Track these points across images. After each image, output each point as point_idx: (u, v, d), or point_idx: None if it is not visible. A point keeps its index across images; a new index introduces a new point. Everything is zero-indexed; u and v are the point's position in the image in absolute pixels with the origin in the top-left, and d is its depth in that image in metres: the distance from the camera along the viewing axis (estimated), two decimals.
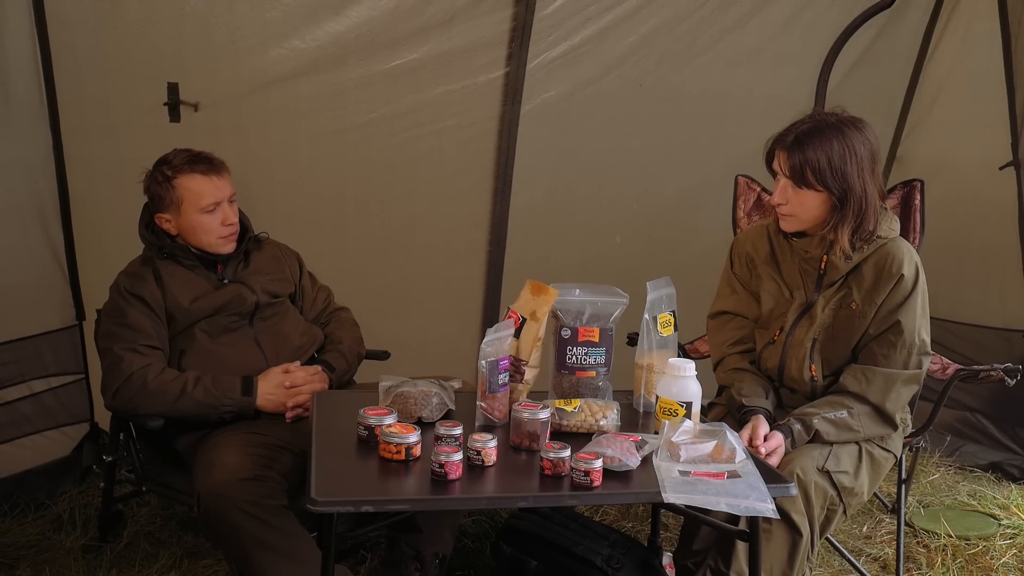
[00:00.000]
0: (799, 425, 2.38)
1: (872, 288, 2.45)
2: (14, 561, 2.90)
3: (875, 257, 2.45)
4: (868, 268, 2.46)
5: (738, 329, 2.69)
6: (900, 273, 2.41)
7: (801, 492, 2.30)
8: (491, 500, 2.25)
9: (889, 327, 2.43)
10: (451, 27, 3.40)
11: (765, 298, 2.63)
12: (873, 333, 2.46)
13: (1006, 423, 4.00)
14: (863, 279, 2.46)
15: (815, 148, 2.35)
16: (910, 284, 2.43)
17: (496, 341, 2.18)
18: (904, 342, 2.43)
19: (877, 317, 2.44)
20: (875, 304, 2.44)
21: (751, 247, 2.67)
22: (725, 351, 2.69)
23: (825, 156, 2.35)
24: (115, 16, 3.08)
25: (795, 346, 2.53)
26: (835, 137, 2.37)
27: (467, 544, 3.08)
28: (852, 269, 2.47)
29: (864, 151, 2.39)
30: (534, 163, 3.73)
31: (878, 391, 2.43)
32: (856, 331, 2.47)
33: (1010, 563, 3.15)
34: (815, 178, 2.36)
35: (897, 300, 2.43)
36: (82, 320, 3.40)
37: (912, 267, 2.44)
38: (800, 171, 2.37)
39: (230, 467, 2.36)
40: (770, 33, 3.80)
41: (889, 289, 2.42)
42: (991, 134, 3.85)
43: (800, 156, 2.36)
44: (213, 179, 2.68)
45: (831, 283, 2.50)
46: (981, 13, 3.91)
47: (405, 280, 3.77)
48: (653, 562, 2.68)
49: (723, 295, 2.75)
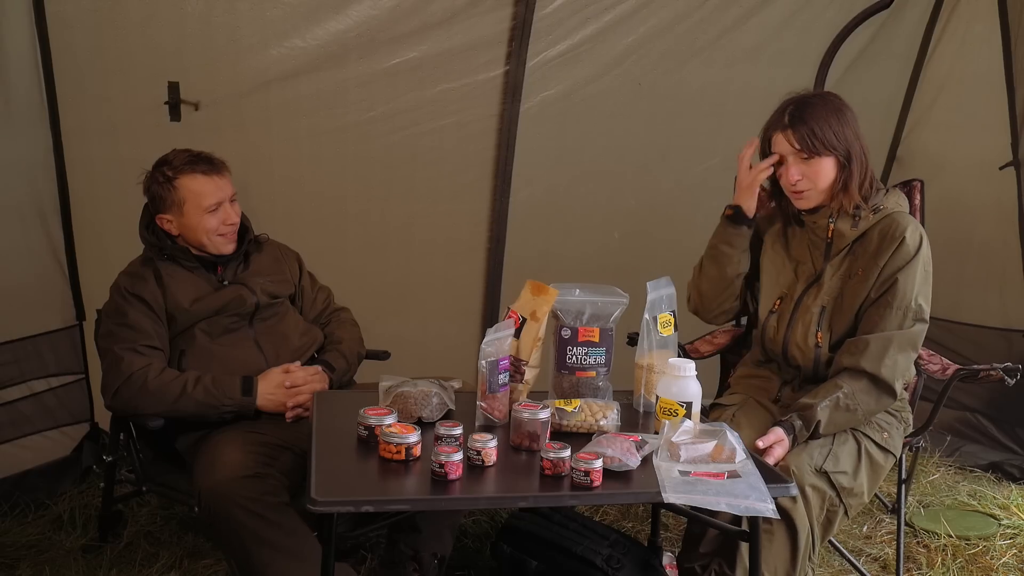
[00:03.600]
0: (800, 421, 2.39)
1: (876, 252, 2.49)
2: (14, 561, 2.90)
3: (880, 225, 2.51)
4: (873, 235, 2.51)
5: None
6: (902, 237, 2.46)
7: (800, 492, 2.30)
8: (491, 500, 2.26)
9: (888, 288, 2.47)
10: (451, 26, 3.41)
11: (766, 265, 2.69)
12: (874, 296, 2.49)
13: (1006, 423, 4.00)
14: (868, 244, 2.52)
15: (813, 118, 2.48)
16: (912, 249, 2.47)
17: (496, 341, 2.18)
18: (900, 303, 2.46)
19: (879, 280, 2.48)
20: (878, 267, 2.48)
21: (766, 221, 2.75)
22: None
23: (825, 122, 2.47)
24: (115, 16, 3.08)
25: (803, 312, 2.57)
26: (823, 105, 2.50)
27: (467, 544, 3.08)
28: (859, 237, 2.53)
29: (848, 112, 2.52)
30: (533, 161, 3.73)
31: (871, 358, 2.44)
32: (860, 297, 2.51)
33: (1010, 563, 3.15)
34: (823, 144, 2.47)
35: (898, 264, 2.47)
36: (82, 320, 3.40)
37: (915, 235, 2.49)
38: (810, 141, 2.47)
39: (231, 464, 2.36)
40: (768, 32, 3.81)
41: (891, 253, 2.47)
42: (991, 134, 3.85)
43: (805, 128, 2.47)
44: (214, 179, 2.69)
45: (838, 252, 2.55)
46: (981, 13, 3.91)
47: (405, 278, 3.78)
48: (653, 562, 2.68)
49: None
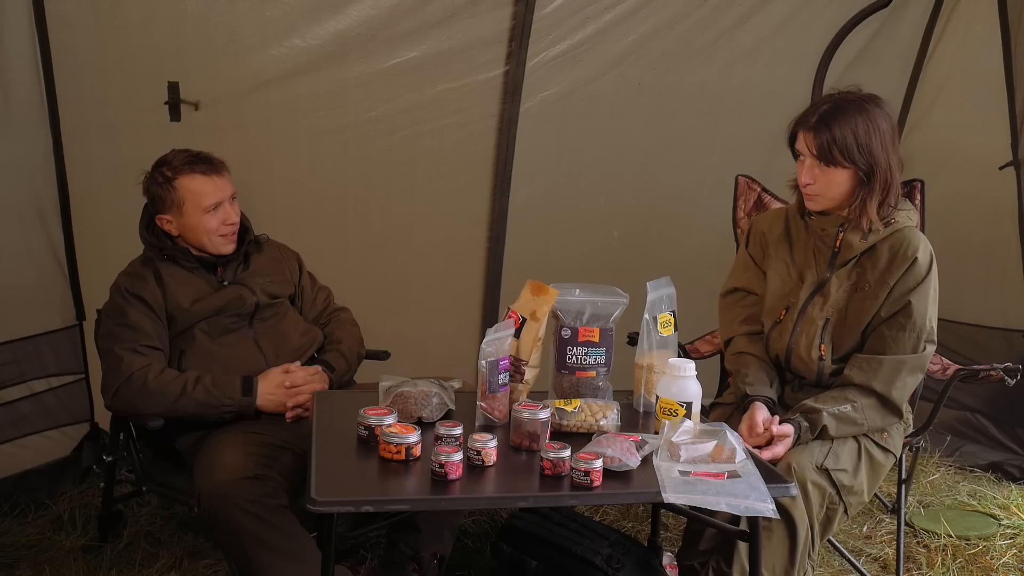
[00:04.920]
0: (806, 423, 2.38)
1: (886, 269, 2.46)
2: (14, 561, 2.90)
3: (891, 240, 2.48)
4: (883, 249, 2.48)
5: (748, 307, 2.69)
6: (915, 257, 2.44)
7: (801, 489, 2.30)
8: (491, 500, 2.26)
9: (900, 309, 2.44)
10: (451, 25, 3.40)
11: (771, 277, 2.64)
12: (884, 315, 2.46)
13: (1006, 423, 4.00)
14: (878, 259, 2.48)
15: (840, 126, 2.40)
16: (924, 269, 2.45)
17: (496, 341, 2.18)
18: (914, 325, 2.44)
19: (889, 299, 2.45)
20: (888, 285, 2.45)
21: (766, 226, 2.70)
22: (735, 329, 2.69)
23: (851, 133, 2.40)
24: (115, 16, 3.08)
25: (807, 324, 2.54)
26: (858, 114, 2.41)
27: (467, 544, 3.08)
28: (867, 249, 2.49)
29: (886, 125, 2.44)
30: (533, 160, 3.73)
31: (883, 380, 2.43)
32: (867, 312, 2.48)
33: (1010, 563, 3.15)
34: (842, 156, 2.40)
35: (910, 284, 2.44)
36: (82, 320, 3.40)
37: (927, 254, 2.47)
38: (828, 150, 2.41)
39: (231, 466, 2.36)
40: (768, 31, 3.80)
41: (903, 271, 2.44)
42: (991, 134, 3.84)
43: (827, 135, 2.40)
44: (214, 179, 2.69)
45: (845, 262, 2.52)
46: (981, 13, 3.90)
47: (405, 277, 3.77)
48: (653, 562, 2.68)
49: (736, 273, 2.76)
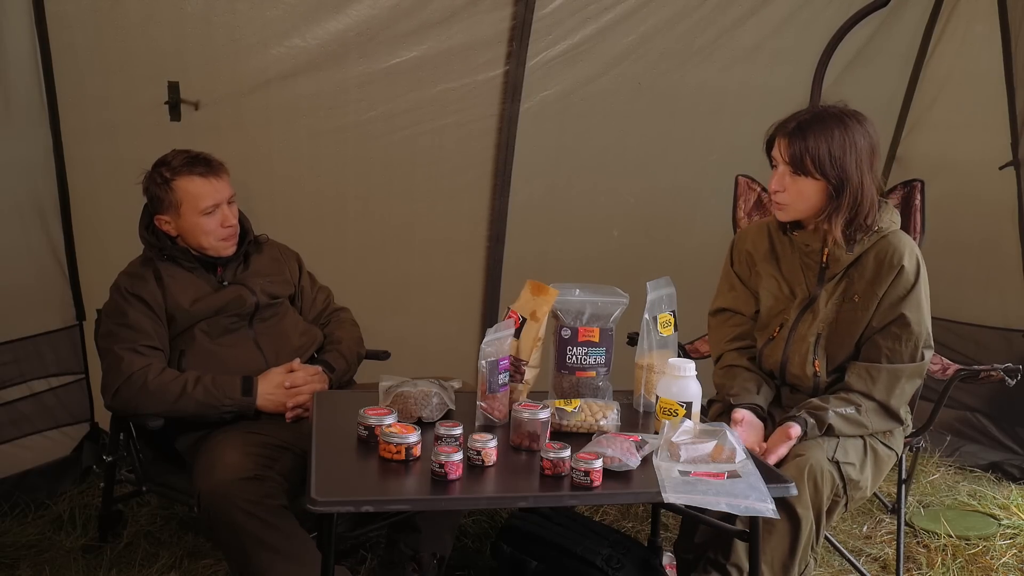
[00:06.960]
0: (812, 420, 2.38)
1: (873, 279, 2.45)
2: (14, 561, 2.90)
3: (875, 249, 2.46)
4: (869, 260, 2.46)
5: (736, 326, 2.69)
6: (901, 264, 2.42)
7: (811, 481, 2.30)
8: (491, 500, 2.26)
9: (893, 320, 2.43)
10: (451, 25, 3.40)
11: (764, 295, 2.63)
12: (877, 326, 2.46)
13: (1006, 423, 4.00)
14: (864, 270, 2.46)
15: (816, 136, 2.38)
16: (912, 277, 2.43)
17: (496, 341, 2.18)
18: (911, 335, 2.43)
19: (880, 309, 2.45)
20: (876, 296, 2.44)
21: (751, 244, 2.68)
22: (724, 347, 2.69)
23: (826, 145, 2.37)
24: (115, 16, 3.08)
25: (798, 341, 2.53)
26: (836, 127, 2.39)
27: (467, 544, 3.07)
28: (853, 261, 2.48)
29: (864, 144, 2.41)
30: (533, 160, 3.73)
31: (883, 388, 2.44)
32: (859, 324, 2.47)
33: (1010, 563, 3.15)
34: (814, 166, 2.38)
35: (899, 293, 2.43)
36: (82, 320, 3.40)
37: (913, 259, 2.45)
38: (800, 158, 2.39)
39: (230, 467, 2.36)
40: (767, 31, 3.80)
41: (890, 281, 2.43)
42: (991, 134, 3.85)
43: (801, 144, 2.38)
44: (212, 181, 2.68)
45: (833, 276, 2.51)
46: (981, 13, 3.91)
47: (405, 277, 3.77)
48: (653, 562, 2.68)
49: (722, 292, 2.75)
